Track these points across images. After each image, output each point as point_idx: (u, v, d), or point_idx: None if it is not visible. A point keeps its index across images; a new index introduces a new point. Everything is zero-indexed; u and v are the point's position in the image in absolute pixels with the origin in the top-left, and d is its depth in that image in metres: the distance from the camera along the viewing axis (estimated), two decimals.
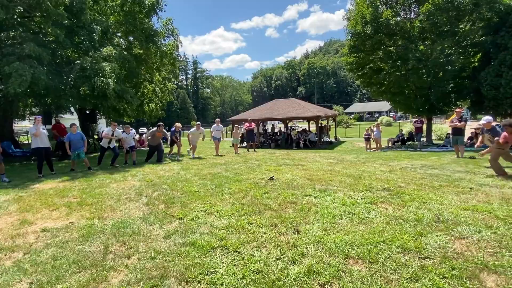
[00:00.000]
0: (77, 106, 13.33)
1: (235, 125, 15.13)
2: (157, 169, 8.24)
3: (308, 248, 2.91)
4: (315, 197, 4.77)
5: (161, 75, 16.66)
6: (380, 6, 15.95)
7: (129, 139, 9.49)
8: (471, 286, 2.18)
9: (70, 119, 21.70)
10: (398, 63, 16.06)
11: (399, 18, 15.76)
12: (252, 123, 13.90)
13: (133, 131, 10.19)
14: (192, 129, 11.09)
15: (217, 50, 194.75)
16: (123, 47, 12.53)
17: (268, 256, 2.79)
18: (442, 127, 25.84)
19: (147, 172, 7.78)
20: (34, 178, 7.39)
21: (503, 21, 13.61)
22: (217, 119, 12.33)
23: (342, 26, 23.37)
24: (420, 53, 14.63)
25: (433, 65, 14.71)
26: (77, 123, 19.95)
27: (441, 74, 15.06)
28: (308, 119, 21.06)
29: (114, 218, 4.07)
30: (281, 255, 2.80)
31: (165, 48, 14.10)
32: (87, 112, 16.99)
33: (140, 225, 3.75)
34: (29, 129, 8.11)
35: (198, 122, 11.66)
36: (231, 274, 2.49)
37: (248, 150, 13.20)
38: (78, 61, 10.23)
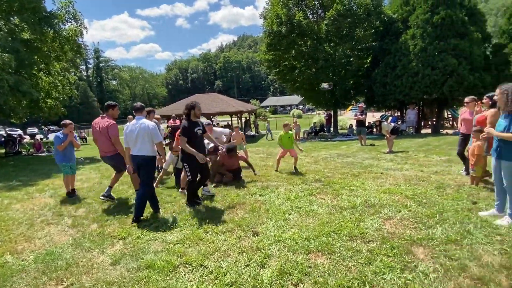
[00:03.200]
0: None
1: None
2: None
3: (271, 249, 3.01)
4: (260, 195, 4.93)
5: (61, 65, 13.99)
6: (292, 8, 17.20)
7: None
8: (409, 260, 2.67)
9: None
10: (309, 62, 17.73)
11: (307, 21, 17.34)
12: (177, 120, 13.19)
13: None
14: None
15: (122, 38, 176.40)
16: (5, 30, 9.91)
17: (236, 264, 2.77)
18: (342, 118, 30.01)
19: (59, 185, 6.55)
20: None
21: (387, 30, 16.54)
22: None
23: (253, 22, 23.98)
24: (326, 54, 16.48)
25: (337, 65, 16.82)
26: None
27: (343, 73, 17.35)
28: (231, 114, 21.29)
29: (35, 250, 3.31)
30: (249, 261, 2.82)
31: (66, 33, 11.83)
32: None
33: (74, 254, 3.17)
34: None
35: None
36: None
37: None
38: None
